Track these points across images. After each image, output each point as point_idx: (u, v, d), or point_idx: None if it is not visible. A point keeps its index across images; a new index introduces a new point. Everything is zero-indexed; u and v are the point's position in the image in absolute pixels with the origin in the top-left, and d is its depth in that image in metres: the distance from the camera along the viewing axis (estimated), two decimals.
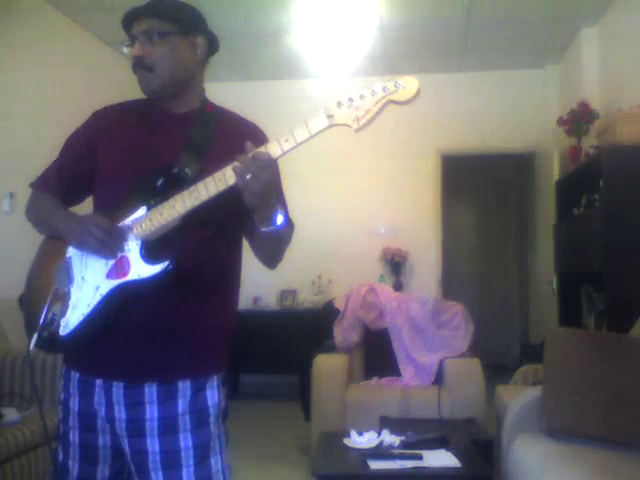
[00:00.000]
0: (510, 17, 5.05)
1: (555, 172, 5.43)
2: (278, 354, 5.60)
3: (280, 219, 1.45)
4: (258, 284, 6.03)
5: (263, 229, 1.46)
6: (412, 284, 6.21)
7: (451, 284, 6.58)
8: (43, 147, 4.29)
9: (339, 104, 1.32)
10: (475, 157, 6.54)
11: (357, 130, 1.32)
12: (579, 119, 4.85)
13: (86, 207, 1.68)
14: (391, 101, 1.31)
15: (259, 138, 1.49)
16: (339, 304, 4.37)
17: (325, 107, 1.33)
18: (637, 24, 4.41)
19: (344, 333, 4.21)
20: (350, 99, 1.32)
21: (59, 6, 4.68)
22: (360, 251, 6.20)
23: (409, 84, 1.31)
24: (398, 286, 6.04)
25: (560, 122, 5.02)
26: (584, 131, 4.84)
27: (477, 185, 7.84)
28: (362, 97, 1.31)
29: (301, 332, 5.28)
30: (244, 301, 6.00)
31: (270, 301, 6.26)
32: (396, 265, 6.16)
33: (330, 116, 1.32)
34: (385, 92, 1.31)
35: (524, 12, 4.96)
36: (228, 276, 1.61)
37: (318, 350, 4.10)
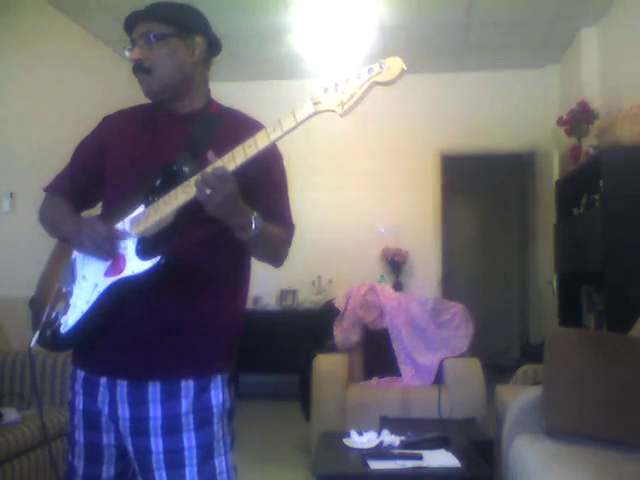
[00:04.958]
0: (510, 17, 5.05)
1: (555, 172, 5.43)
2: (278, 354, 5.59)
3: (254, 226, 1.42)
4: (258, 284, 5.98)
5: (240, 237, 1.45)
6: (412, 284, 6.21)
7: (451, 284, 6.57)
8: (43, 147, 4.33)
9: (326, 90, 1.31)
10: (475, 157, 6.53)
11: (342, 115, 1.30)
12: (579, 119, 4.85)
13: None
14: (376, 83, 1.29)
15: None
16: (339, 304, 4.36)
17: (312, 94, 1.31)
18: (637, 24, 4.41)
19: (344, 333, 4.20)
20: (336, 84, 1.30)
21: (59, 6, 4.68)
22: (360, 251, 6.19)
23: (393, 65, 1.30)
24: (398, 286, 6.03)
25: (560, 122, 5.02)
26: (584, 131, 4.84)
27: (477, 185, 7.83)
28: (348, 81, 1.30)
29: (301, 332, 5.26)
30: None
31: (270, 301, 6.25)
32: (396, 265, 6.16)
33: (317, 103, 1.31)
34: (370, 74, 1.29)
35: (524, 12, 4.96)
36: (233, 275, 1.60)
37: (318, 350, 4.10)
